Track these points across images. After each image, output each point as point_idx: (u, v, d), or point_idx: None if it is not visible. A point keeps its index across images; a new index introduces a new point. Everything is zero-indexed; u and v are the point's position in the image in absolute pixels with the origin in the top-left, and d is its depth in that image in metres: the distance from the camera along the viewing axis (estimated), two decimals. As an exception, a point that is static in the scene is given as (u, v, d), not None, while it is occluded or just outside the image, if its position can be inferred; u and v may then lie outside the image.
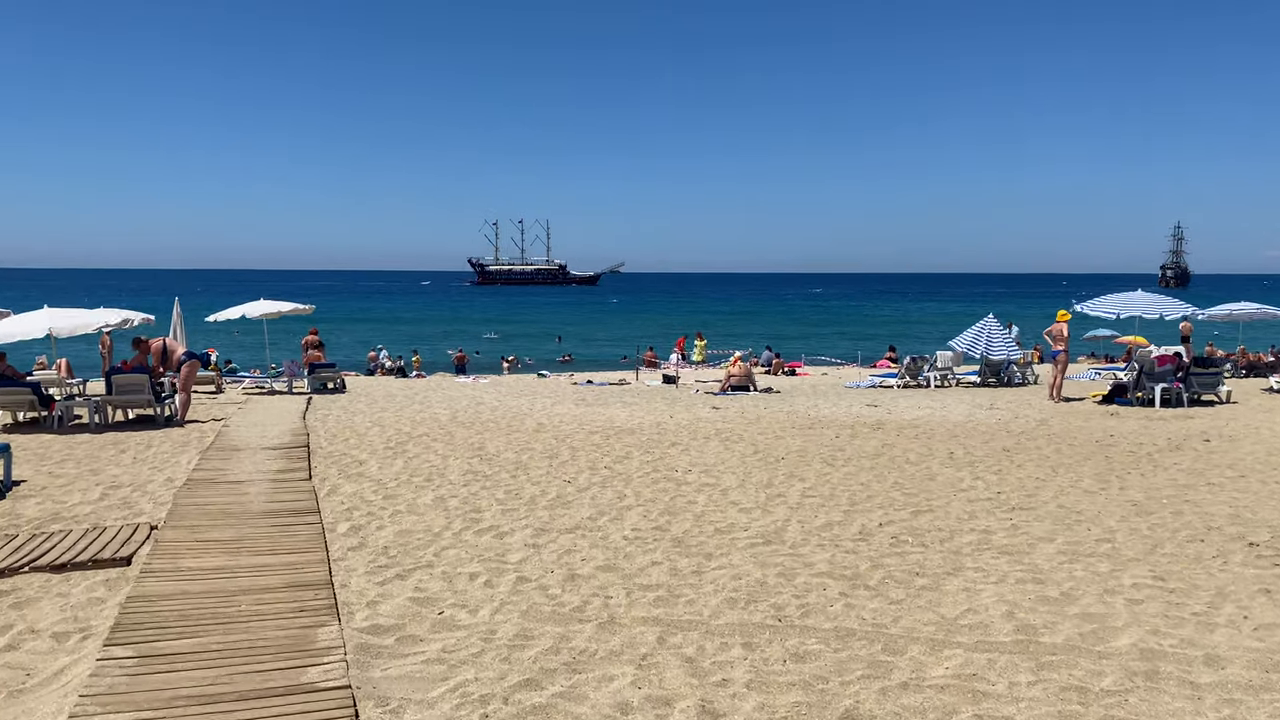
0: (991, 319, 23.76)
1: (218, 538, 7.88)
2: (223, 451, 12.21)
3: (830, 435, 14.20)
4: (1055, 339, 19.75)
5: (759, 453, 12.47)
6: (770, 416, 16.74)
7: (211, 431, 14.43)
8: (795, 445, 13.16)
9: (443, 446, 12.93)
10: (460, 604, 6.48)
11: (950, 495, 9.87)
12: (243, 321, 24.31)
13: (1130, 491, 10.08)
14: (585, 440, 13.54)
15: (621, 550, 7.74)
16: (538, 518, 8.83)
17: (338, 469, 11.25)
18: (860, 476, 10.83)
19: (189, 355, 16.21)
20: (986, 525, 8.60)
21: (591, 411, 17.56)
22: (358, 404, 19.15)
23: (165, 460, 11.88)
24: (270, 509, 8.94)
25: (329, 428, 15.00)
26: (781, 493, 9.91)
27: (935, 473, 11.12)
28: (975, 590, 6.74)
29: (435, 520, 8.76)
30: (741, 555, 7.60)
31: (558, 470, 11.18)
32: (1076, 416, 16.73)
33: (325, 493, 9.91)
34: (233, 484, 10.08)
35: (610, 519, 8.78)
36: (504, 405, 18.83)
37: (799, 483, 10.43)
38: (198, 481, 10.22)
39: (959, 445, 13.23)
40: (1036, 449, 12.93)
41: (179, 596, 6.40)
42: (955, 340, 24.01)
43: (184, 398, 15.85)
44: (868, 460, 11.95)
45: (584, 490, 10.04)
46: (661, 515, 8.92)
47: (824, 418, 16.57)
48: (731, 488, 10.14)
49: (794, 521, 8.69)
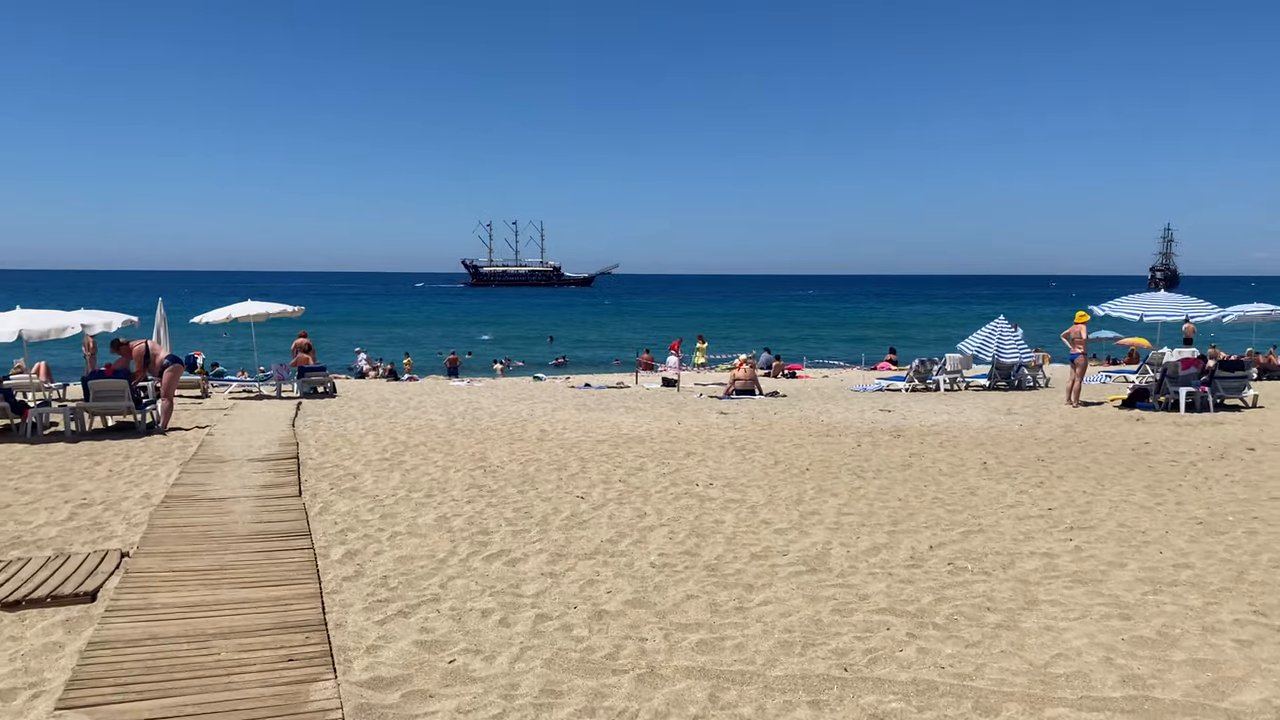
0: (1001, 320, 22.98)
1: (196, 566, 6.98)
2: (206, 463, 11.29)
3: (851, 444, 13.35)
4: (1074, 341, 18.96)
5: (780, 463, 11.61)
6: (782, 422, 15.89)
7: (195, 440, 13.50)
8: (817, 455, 12.31)
9: (442, 457, 12.03)
10: (474, 648, 5.60)
11: (997, 512, 9.03)
12: (229, 324, 23.35)
13: (1190, 507, 9.26)
14: (593, 450, 12.67)
15: (650, 580, 6.87)
16: (552, 540, 7.95)
17: (330, 483, 10.35)
18: (895, 491, 9.98)
19: (172, 359, 15.27)
20: (1047, 548, 7.76)
21: (595, 417, 16.68)
22: (349, 409, 18.23)
23: (143, 473, 10.95)
24: (256, 531, 8.03)
25: (320, 436, 14.08)
26: (815, 510, 9.05)
27: (974, 486, 10.28)
28: (1058, 629, 5.89)
29: (439, 543, 7.87)
30: (786, 586, 6.73)
31: (568, 484, 10.29)
32: (1102, 422, 15.93)
33: (317, 511, 9.01)
34: (215, 501, 9.16)
35: (632, 542, 7.90)
36: (503, 411, 17.93)
37: (832, 498, 9.57)
38: (177, 499, 9.30)
39: (989, 455, 12.41)
40: (1073, 459, 12.12)
41: (148, 642, 5.50)
42: (964, 342, 23.23)
43: (166, 404, 14.92)
44: (898, 472, 11.11)
45: (599, 507, 9.16)
46: (689, 537, 8.05)
47: (839, 424, 15.73)
48: (760, 504, 9.28)
49: (836, 544, 7.83)
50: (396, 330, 70.59)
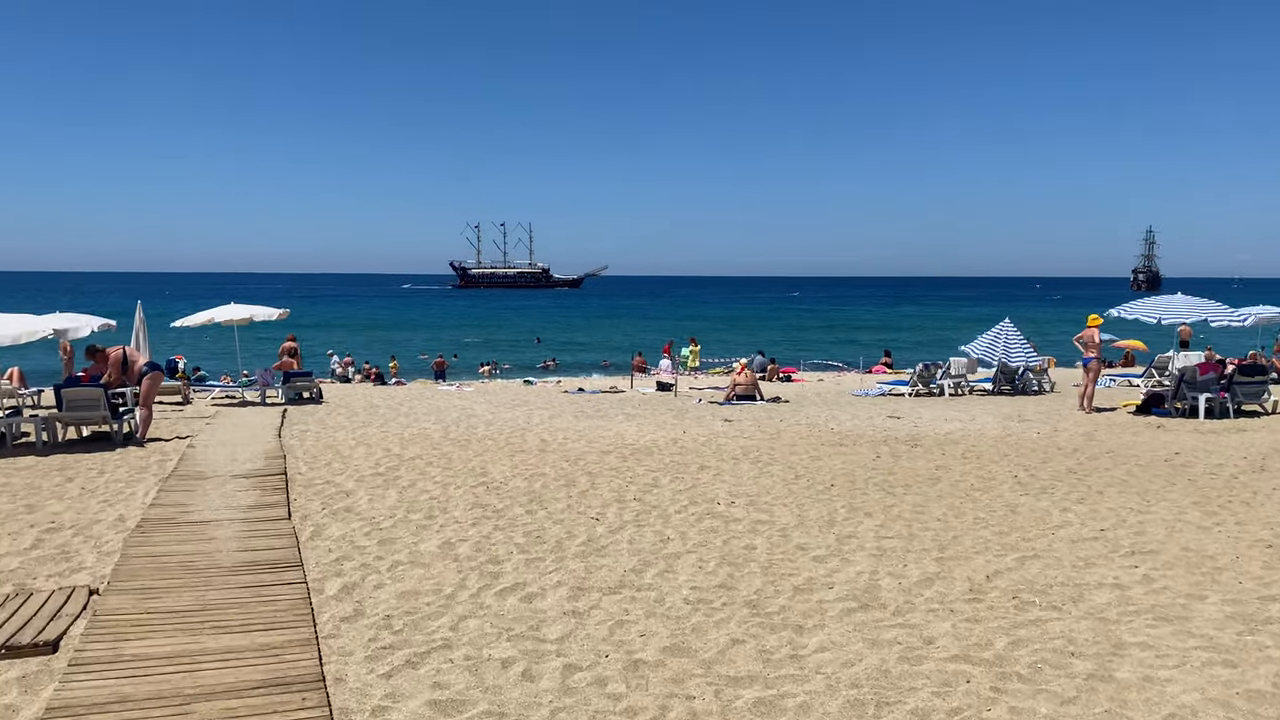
0: (1007, 323, 22.34)
1: (174, 606, 6.16)
2: (186, 480, 10.44)
3: (869, 455, 12.62)
4: (1087, 345, 18.32)
5: (801, 478, 10.86)
6: (791, 431, 15.15)
7: (175, 453, 12.63)
8: (837, 467, 11.57)
9: (440, 472, 11.22)
10: (497, 710, 4.81)
11: (1047, 534, 8.30)
12: (212, 327, 22.42)
13: (1251, 528, 8.55)
14: (600, 462, 11.88)
15: (686, 620, 6.10)
16: (570, 571, 7.17)
17: (321, 502, 9.52)
18: (932, 510, 9.24)
19: (151, 366, 14.39)
20: (1114, 577, 7.03)
21: (596, 426, 15.90)
22: (337, 417, 17.38)
23: (118, 491, 10.09)
24: (242, 561, 7.21)
25: (308, 447, 13.24)
26: (852, 533, 8.29)
27: (1013, 503, 9.56)
28: (1159, 681, 5.15)
29: (445, 575, 7.07)
30: (840, 627, 5.97)
31: (579, 502, 9.51)
32: (1122, 430, 15.27)
33: (308, 535, 8.20)
34: (197, 525, 8.32)
35: (659, 572, 7.13)
36: (498, 418, 17.12)
37: (866, 519, 8.82)
38: (155, 522, 8.45)
39: (1018, 467, 11.70)
40: (1105, 470, 11.42)
41: (116, 707, 4.69)
42: (970, 346, 22.57)
43: (145, 413, 14.03)
44: (927, 487, 10.38)
45: (617, 530, 8.37)
46: (720, 566, 7.28)
47: (849, 432, 15.00)
48: (790, 526, 8.52)
49: (883, 574, 7.08)
50: (377, 333, 69.48)
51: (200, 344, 43.68)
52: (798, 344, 53.97)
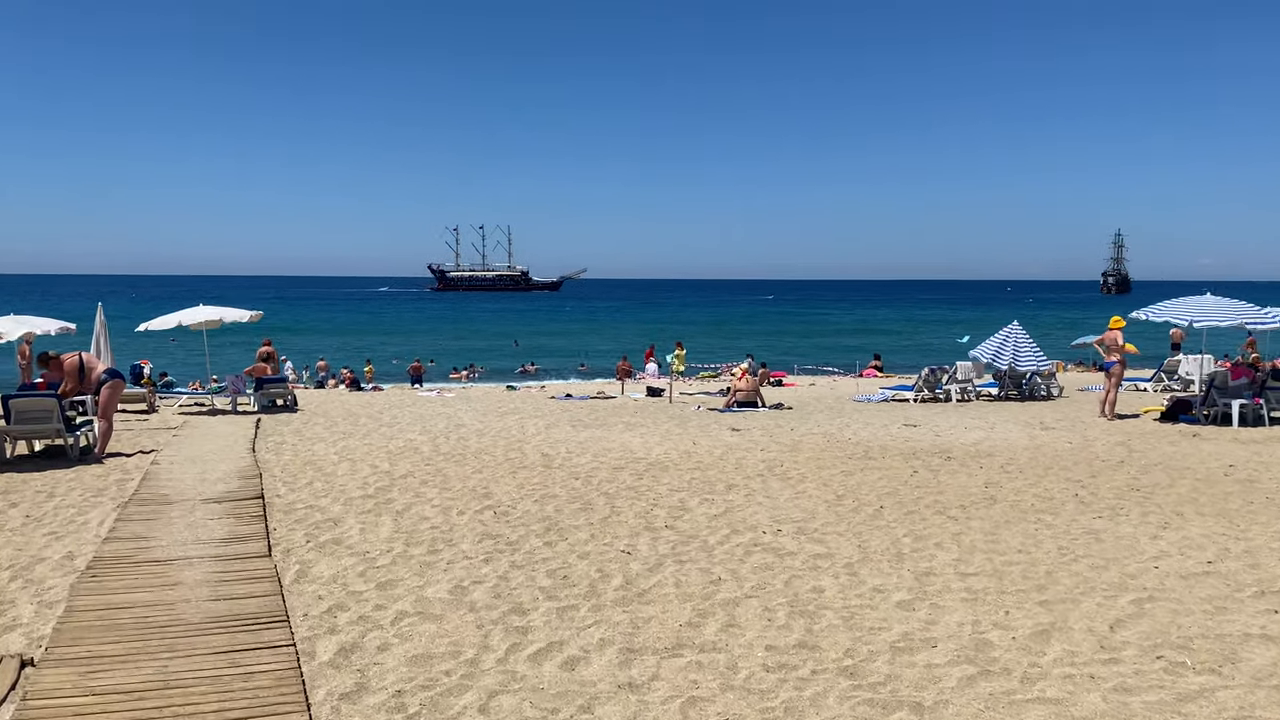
0: (1015, 326, 21.32)
1: (127, 684, 4.84)
2: (149, 505, 9.07)
3: (904, 470, 11.46)
4: (1109, 349, 17.30)
5: (843, 498, 9.66)
6: (808, 443, 13.97)
7: (137, 471, 11.24)
8: (876, 485, 10.39)
9: (437, 493, 9.92)
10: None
11: (1148, 568, 7.15)
12: (179, 331, 20.91)
13: (1374, 557, 7.46)
14: (614, 480, 10.63)
15: (775, 696, 4.86)
16: (613, 623, 5.91)
17: (305, 533, 8.20)
18: (1004, 537, 8.07)
19: (111, 374, 12.96)
20: (1260, 627, 5.87)
21: (597, 436, 14.64)
22: (315, 427, 16.01)
23: (69, 520, 8.71)
24: (214, 614, 5.90)
25: (286, 463, 11.89)
26: (929, 569, 7.10)
27: (1090, 528, 8.41)
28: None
29: (463, 630, 5.80)
30: (968, 703, 4.76)
31: (603, 531, 8.24)
32: (1157, 439, 14.23)
33: (292, 577, 6.89)
34: (159, 565, 6.98)
35: (721, 626, 5.88)
36: (489, 428, 15.82)
37: (937, 550, 7.63)
38: (109, 562, 7.10)
39: (1071, 482, 10.59)
40: (1167, 487, 10.33)
41: None
42: (978, 349, 21.54)
43: (104, 426, 12.61)
44: (985, 508, 9.22)
45: (655, 568, 7.12)
46: (792, 616, 6.05)
47: (870, 442, 13.85)
48: (855, 561, 7.31)
49: (988, 626, 5.88)
50: (349, 337, 67.75)
51: (165, 348, 41.96)
52: (778, 348, 52.97)
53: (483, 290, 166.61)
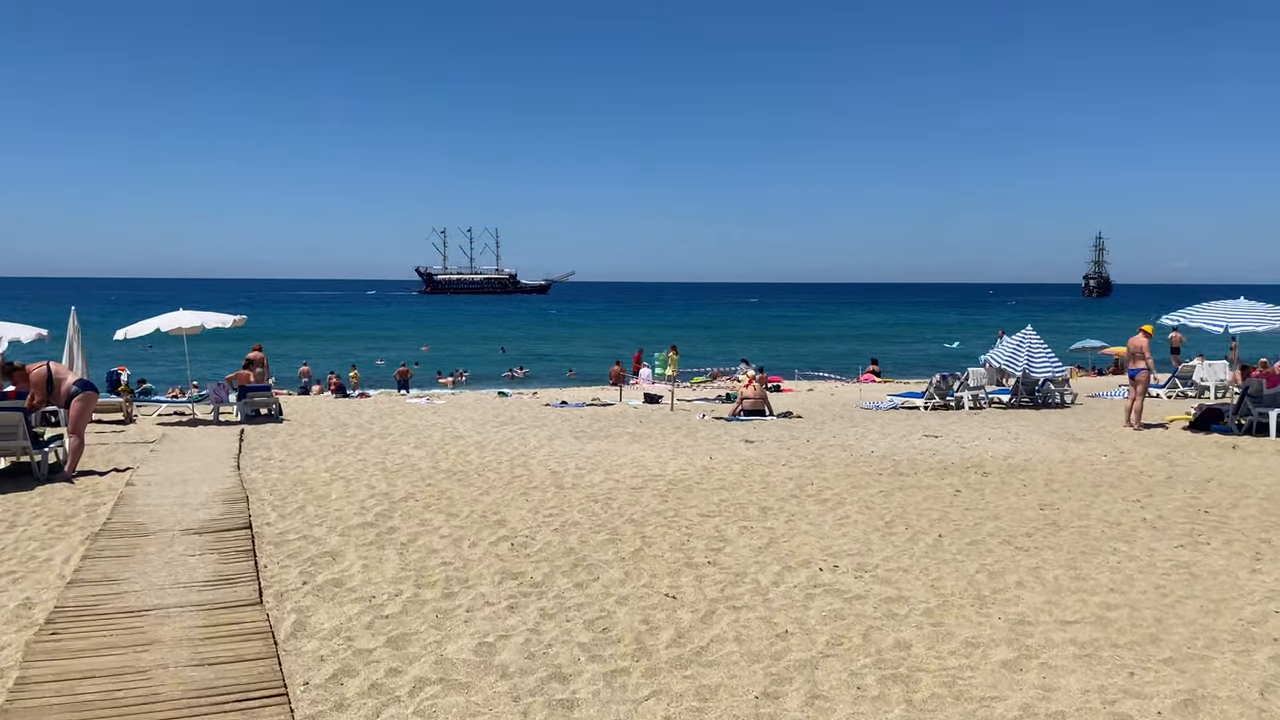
0: (1030, 331, 20.49)
1: (89, 792, 3.84)
2: (122, 537, 8.02)
3: (945, 488, 10.55)
4: (1135, 355, 16.46)
5: (892, 525, 8.73)
6: (830, 456, 13.05)
7: (110, 493, 10.18)
8: (922, 508, 9.47)
9: (444, 520, 8.91)
10: None
11: (1270, 612, 6.24)
12: (157, 336, 19.75)
13: None
14: (635, 503, 9.66)
15: (897, 801, 3.91)
16: (674, 694, 4.93)
17: (300, 571, 7.18)
18: (1088, 572, 7.15)
19: (83, 385, 11.86)
20: None
21: (604, 450, 13.67)
22: (303, 440, 14.97)
23: (30, 556, 7.66)
24: (196, 686, 4.88)
25: (274, 483, 10.86)
26: (1021, 615, 6.15)
27: (1177, 559, 7.50)
28: None
29: (497, 706, 4.80)
30: (1140, 812, 3.82)
31: (637, 567, 7.27)
32: (1196, 450, 13.40)
33: (288, 630, 5.87)
34: (132, 618, 5.95)
35: (806, 698, 4.90)
36: (488, 440, 14.82)
37: (1022, 591, 6.69)
38: (74, 613, 6.06)
39: (1128, 503, 9.71)
40: (1232, 508, 9.47)
41: None
42: (991, 355, 20.74)
43: (75, 442, 11.52)
44: (1051, 534, 8.31)
45: (708, 617, 6.15)
46: (884, 682, 5.09)
47: (896, 456, 12.95)
48: (932, 606, 6.36)
49: (1118, 693, 4.94)
50: (329, 343, 66.44)
51: (143, 354, 40.64)
52: (768, 352, 52.09)
53: (470, 293, 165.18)
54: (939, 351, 52.44)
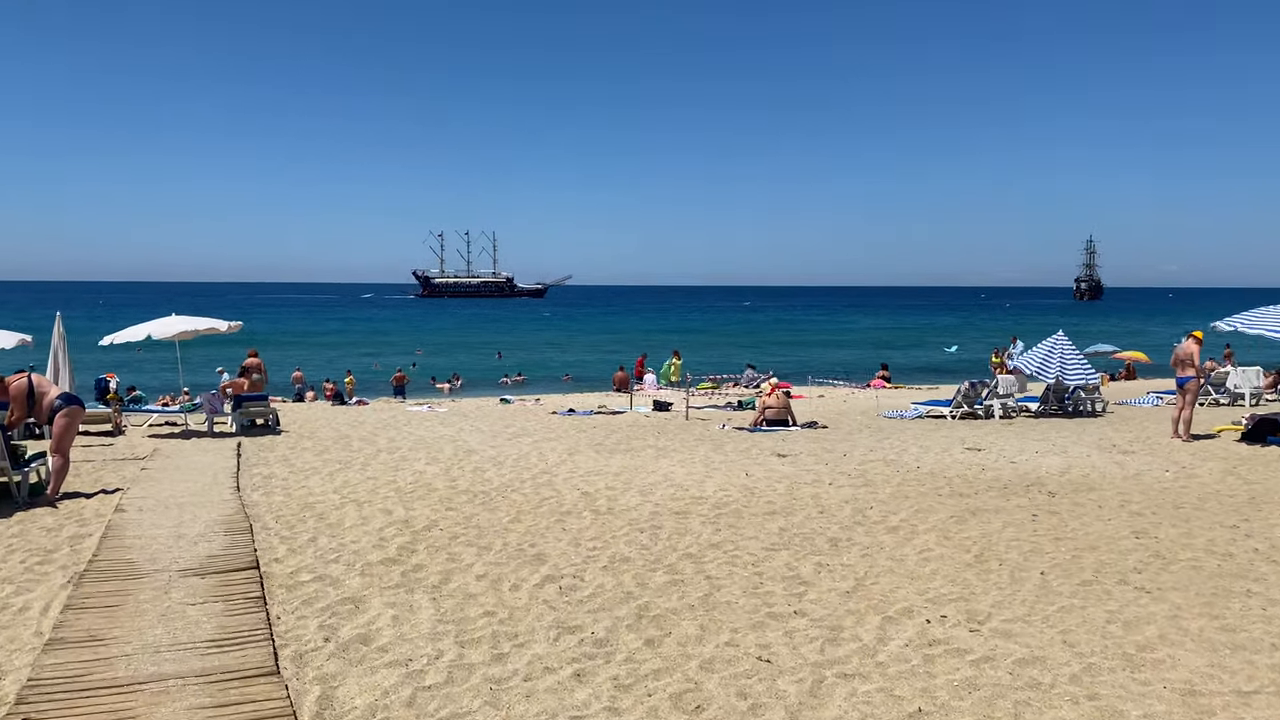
0: (1062, 337, 19.55)
1: None
2: (110, 579, 6.92)
3: (1017, 511, 9.54)
4: (1184, 363, 15.51)
5: (980, 558, 7.70)
6: (876, 473, 12.04)
7: (97, 521, 9.08)
8: (1005, 537, 8.44)
9: (476, 555, 7.83)
10: None
11: None
12: (149, 343, 18.60)
13: None
14: (684, 531, 8.60)
15: None
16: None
17: (320, 624, 6.10)
18: (1234, 621, 6.12)
19: (67, 400, 10.72)
20: None
21: (631, 466, 12.62)
22: (305, 454, 13.89)
23: (3, 605, 6.53)
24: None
25: (279, 507, 9.77)
26: (1189, 684, 5.09)
27: (1324, 604, 6.51)
28: None
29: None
30: None
31: (712, 620, 6.19)
32: (1263, 466, 12.44)
33: (312, 710, 4.79)
34: (119, 695, 4.87)
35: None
36: (503, 454, 13.76)
37: (1173, 649, 5.65)
38: (49, 687, 4.96)
39: (1227, 529, 8.71)
40: (1347, 535, 8.49)
41: None
42: (1021, 360, 19.76)
43: (59, 462, 10.39)
44: (1166, 572, 7.29)
45: (816, 689, 5.07)
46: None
47: (947, 473, 11.95)
48: (1078, 672, 5.28)
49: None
50: (318, 350, 65.17)
51: (133, 360, 39.36)
52: (769, 357, 51.10)
53: (467, 296, 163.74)
54: (944, 358, 51.51)
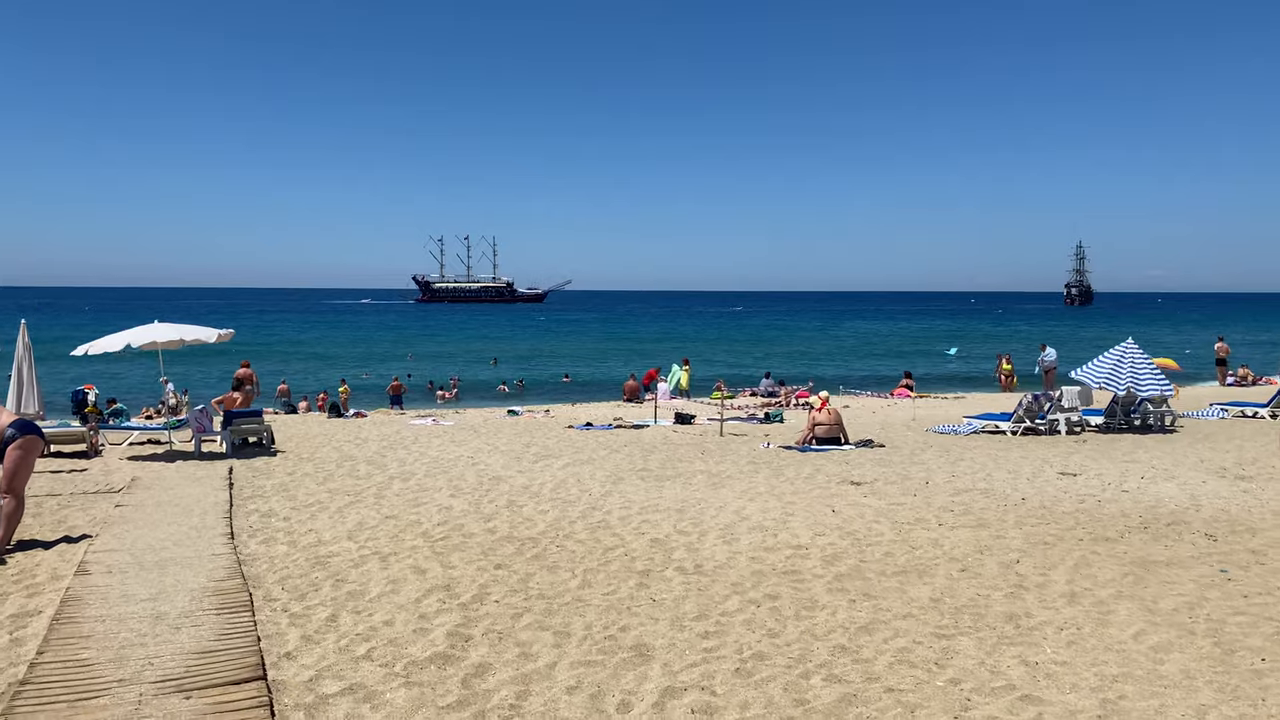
0: (1131, 345, 17.69)
1: None
2: (56, 698, 4.90)
3: (1198, 564, 7.63)
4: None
5: (1225, 647, 5.76)
6: (978, 506, 10.13)
7: (53, 586, 7.03)
8: (1214, 603, 6.52)
9: (552, 646, 5.81)
10: None
11: None
12: (128, 353, 16.45)
13: None
14: (810, 602, 6.62)
15: None
16: None
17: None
18: None
19: (22, 428, 8.61)
20: None
21: (691, 499, 10.65)
22: (306, 481, 11.90)
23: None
24: None
25: (282, 562, 7.74)
26: None
27: None
28: None
29: None
30: None
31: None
32: None
33: None
34: None
35: None
36: (535, 482, 11.78)
37: None
38: None
39: None
40: None
41: None
42: (1085, 371, 17.89)
43: (11, 505, 8.30)
44: None
45: None
46: None
47: (1060, 506, 10.07)
48: None
49: None
50: (308, 359, 62.81)
51: (112, 369, 37.07)
52: (778, 364, 49.21)
53: (467, 301, 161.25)
54: (953, 365, 49.68)
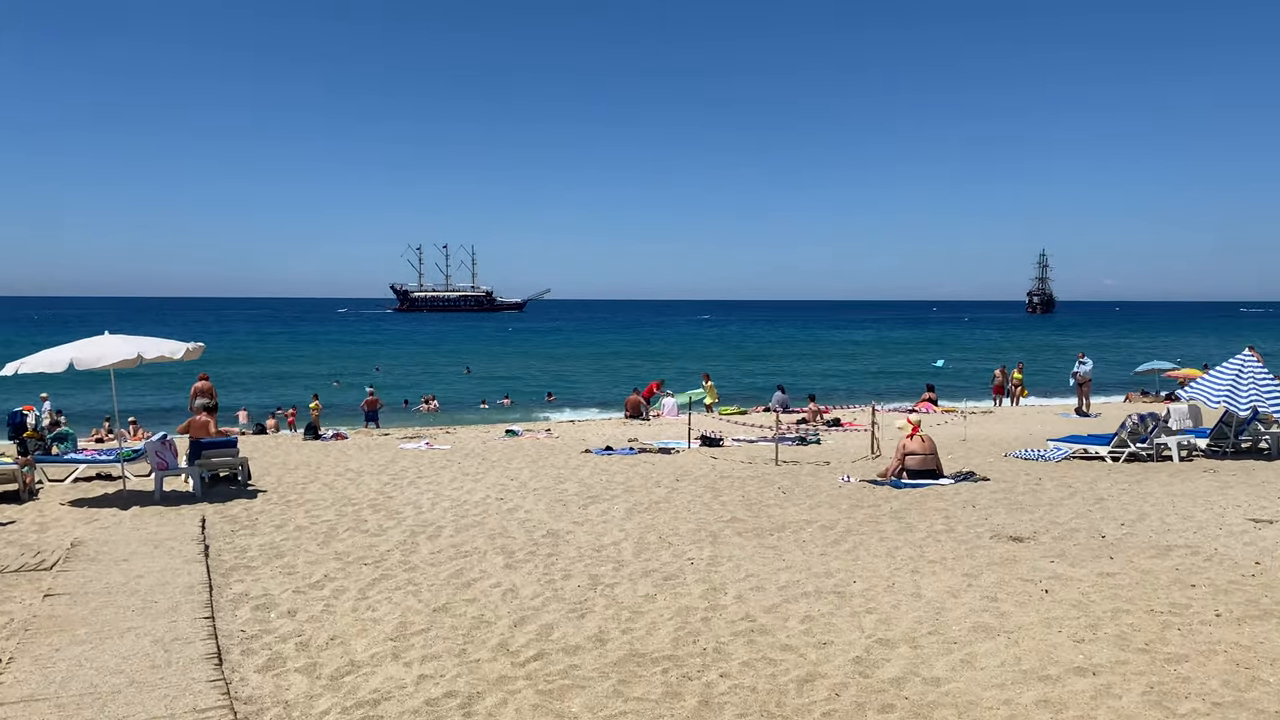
0: (1249, 356, 15.27)
1: None
2: None
3: None
4: None
5: None
6: (1195, 577, 7.56)
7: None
8: None
9: None
10: None
11: None
12: (72, 373, 13.07)
13: None
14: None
15: None
16: None
17: None
18: None
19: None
20: None
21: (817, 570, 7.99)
22: (301, 537, 9.13)
23: None
24: None
25: (296, 704, 4.92)
26: None
27: None
28: None
29: None
30: None
31: None
32: None
33: None
34: None
35: None
36: (605, 542, 9.07)
37: None
38: None
39: None
40: None
41: None
42: (1198, 389, 15.44)
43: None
44: None
45: None
46: None
47: None
48: None
49: None
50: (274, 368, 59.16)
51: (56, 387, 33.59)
52: (768, 376, 46.76)
53: (446, 310, 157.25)
54: (944, 376, 47.40)
